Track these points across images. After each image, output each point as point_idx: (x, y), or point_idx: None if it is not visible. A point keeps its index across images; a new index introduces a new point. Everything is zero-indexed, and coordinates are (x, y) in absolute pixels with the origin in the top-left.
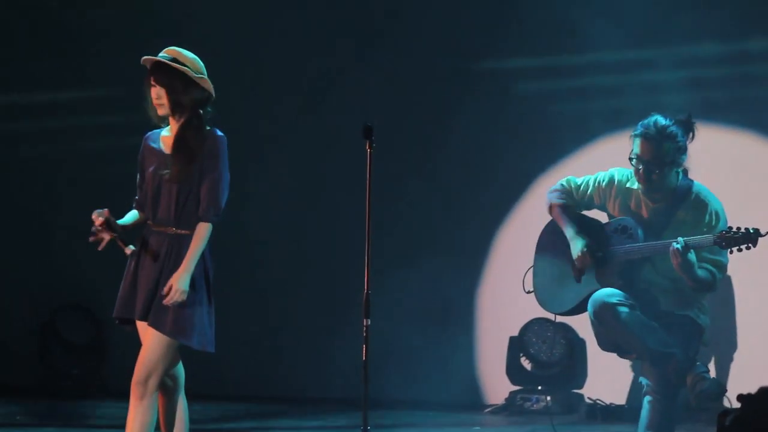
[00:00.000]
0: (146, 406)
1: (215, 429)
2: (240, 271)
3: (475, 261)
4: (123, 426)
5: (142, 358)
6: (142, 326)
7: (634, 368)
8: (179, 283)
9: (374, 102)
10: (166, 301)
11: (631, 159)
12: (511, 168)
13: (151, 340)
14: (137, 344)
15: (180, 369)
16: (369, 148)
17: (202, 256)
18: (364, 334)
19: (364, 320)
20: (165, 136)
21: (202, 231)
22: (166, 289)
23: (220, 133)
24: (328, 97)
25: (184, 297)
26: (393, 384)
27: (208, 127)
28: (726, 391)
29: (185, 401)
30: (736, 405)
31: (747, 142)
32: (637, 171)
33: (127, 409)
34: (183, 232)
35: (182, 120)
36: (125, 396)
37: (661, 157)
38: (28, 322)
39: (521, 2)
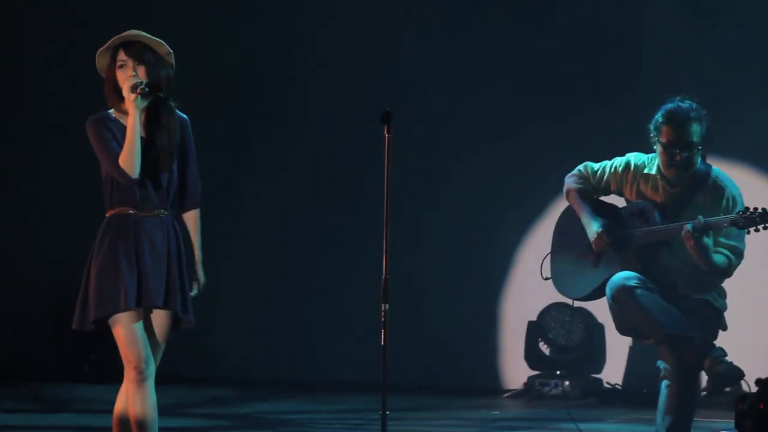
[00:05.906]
0: (150, 388)
1: (232, 413)
2: (264, 259)
3: (494, 247)
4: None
5: (157, 346)
6: (137, 315)
7: (652, 353)
8: (204, 278)
9: (404, 89)
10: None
11: (665, 147)
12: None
13: (164, 326)
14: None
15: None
16: (387, 133)
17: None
18: (383, 319)
19: (382, 305)
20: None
21: (197, 217)
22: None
23: (183, 114)
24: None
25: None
26: (412, 368)
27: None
28: (744, 375)
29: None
30: (755, 389)
31: None
32: (671, 158)
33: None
34: (168, 214)
35: (149, 103)
36: None
37: (696, 138)
38: (43, 308)
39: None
